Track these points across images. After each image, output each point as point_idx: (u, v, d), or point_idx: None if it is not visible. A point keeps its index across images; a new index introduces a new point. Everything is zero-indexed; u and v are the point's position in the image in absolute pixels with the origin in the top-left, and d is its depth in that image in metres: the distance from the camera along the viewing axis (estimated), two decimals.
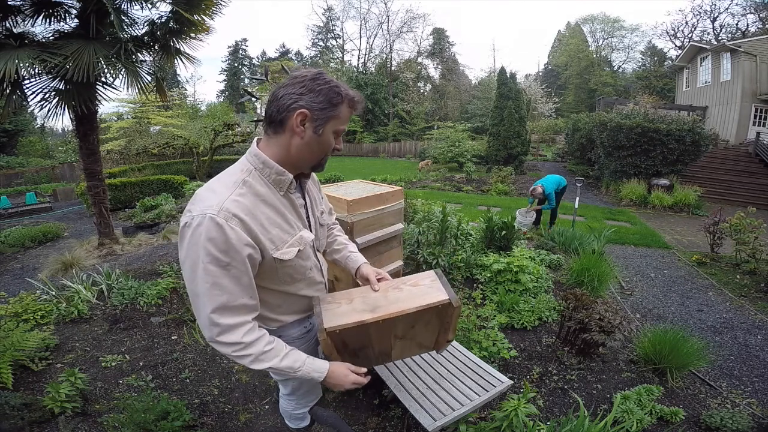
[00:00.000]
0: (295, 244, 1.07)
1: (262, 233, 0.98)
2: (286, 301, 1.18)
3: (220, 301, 0.93)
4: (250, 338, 0.99)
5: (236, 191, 0.96)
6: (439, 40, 32.81)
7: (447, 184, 11.48)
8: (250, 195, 0.98)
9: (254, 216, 0.97)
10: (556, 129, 21.78)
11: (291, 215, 1.08)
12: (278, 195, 1.04)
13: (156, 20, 4.65)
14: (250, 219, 0.95)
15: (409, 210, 4.72)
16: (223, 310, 0.94)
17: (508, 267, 3.51)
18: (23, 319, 2.89)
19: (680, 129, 8.91)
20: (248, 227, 0.95)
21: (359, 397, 2.28)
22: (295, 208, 1.10)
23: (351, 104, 1.02)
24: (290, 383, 1.43)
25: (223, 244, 0.90)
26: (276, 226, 1.03)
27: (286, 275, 1.10)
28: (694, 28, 26.74)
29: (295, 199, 1.09)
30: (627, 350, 2.89)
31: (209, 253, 0.90)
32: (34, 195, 10.00)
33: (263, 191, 1.01)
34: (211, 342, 0.98)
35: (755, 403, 2.41)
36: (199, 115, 17.54)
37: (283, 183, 1.03)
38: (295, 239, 1.07)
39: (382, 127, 28.70)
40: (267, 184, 1.02)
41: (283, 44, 41.32)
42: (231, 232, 0.90)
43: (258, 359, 1.00)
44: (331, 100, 0.97)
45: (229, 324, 0.95)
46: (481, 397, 1.75)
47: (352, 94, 1.02)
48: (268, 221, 1.01)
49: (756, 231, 4.64)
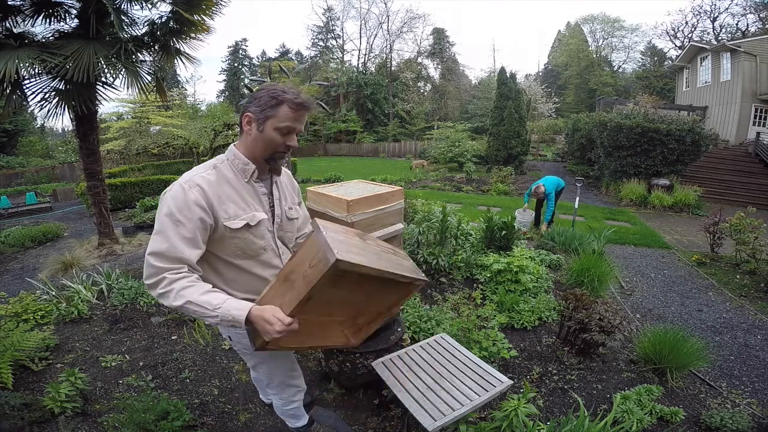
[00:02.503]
0: (246, 219, 1.24)
1: (217, 203, 1.19)
2: (240, 276, 1.31)
3: (160, 248, 1.11)
4: (176, 277, 1.10)
5: (206, 171, 1.23)
6: (439, 40, 32.78)
7: (447, 184, 11.48)
8: (217, 176, 1.23)
9: (214, 189, 1.19)
10: (556, 129, 21.78)
11: (251, 198, 1.29)
12: (243, 181, 1.27)
13: (156, 20, 4.65)
14: (210, 189, 1.18)
15: (409, 210, 4.72)
16: (159, 255, 1.11)
17: (508, 267, 3.51)
18: (23, 319, 2.89)
19: (680, 129, 8.90)
20: (206, 195, 1.16)
21: (359, 397, 2.28)
22: (257, 194, 1.31)
23: (291, 105, 1.19)
24: (252, 358, 1.49)
25: (181, 203, 1.12)
26: (233, 203, 1.23)
27: (236, 247, 1.26)
28: (694, 28, 26.75)
29: (257, 187, 1.31)
30: (627, 350, 2.89)
31: (168, 207, 1.13)
32: (34, 195, 10.00)
33: (230, 176, 1.26)
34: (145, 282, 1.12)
35: (755, 403, 2.41)
36: (199, 115, 17.55)
37: (247, 171, 1.27)
38: (248, 216, 1.25)
39: (382, 127, 28.70)
40: (235, 172, 1.27)
41: (283, 44, 41.31)
42: (190, 193, 1.14)
43: (179, 294, 1.08)
44: (268, 103, 1.19)
45: (160, 266, 1.10)
46: (481, 397, 1.75)
47: (291, 96, 1.19)
48: (227, 197, 1.22)
49: (756, 231, 4.64)
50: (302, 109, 1.22)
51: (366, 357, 2.13)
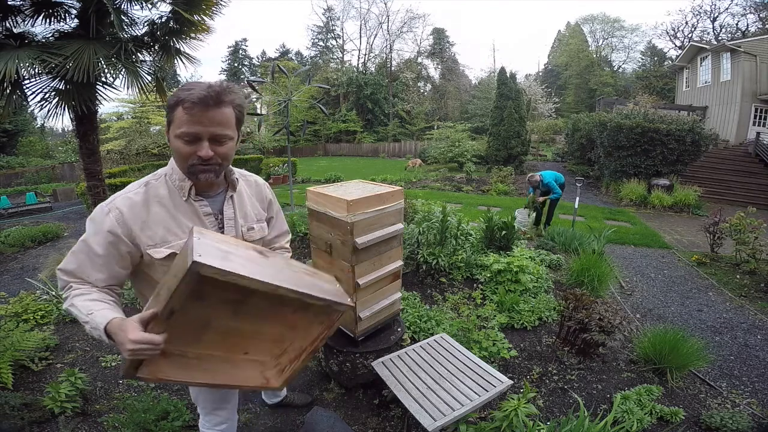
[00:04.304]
0: (175, 248, 1.07)
1: (140, 228, 1.05)
2: None
3: (69, 267, 1.05)
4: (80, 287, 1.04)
5: (134, 190, 1.08)
6: (439, 40, 32.78)
7: (447, 184, 11.48)
8: (145, 195, 1.07)
9: (137, 212, 1.05)
10: (556, 129, 21.77)
11: (187, 220, 1.10)
12: (181, 200, 1.10)
13: (156, 20, 4.65)
14: (130, 214, 1.04)
15: (409, 210, 4.71)
16: (67, 273, 1.05)
17: (508, 267, 3.51)
18: (23, 319, 2.90)
19: (680, 129, 8.91)
20: (124, 220, 1.03)
21: (359, 397, 2.28)
22: (198, 215, 1.12)
23: (186, 105, 0.97)
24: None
25: (97, 228, 1.03)
26: (162, 226, 1.07)
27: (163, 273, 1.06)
28: (694, 28, 26.76)
29: (198, 206, 1.12)
30: (627, 350, 2.89)
31: (87, 230, 1.05)
32: (34, 195, 9.99)
33: (163, 194, 1.09)
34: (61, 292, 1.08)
35: (755, 403, 2.40)
36: None
37: (184, 189, 1.09)
38: (178, 243, 1.08)
39: (382, 127, 28.69)
40: (171, 189, 1.10)
41: (283, 44, 41.29)
42: (106, 220, 1.03)
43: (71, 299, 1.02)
44: (168, 107, 1.01)
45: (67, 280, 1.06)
46: (481, 397, 1.75)
47: (183, 95, 0.97)
48: (156, 221, 1.07)
49: (756, 231, 4.64)
50: (201, 107, 0.96)
51: (366, 357, 2.13)
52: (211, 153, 1.01)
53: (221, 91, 0.99)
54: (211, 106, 0.98)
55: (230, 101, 1.02)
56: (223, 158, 1.05)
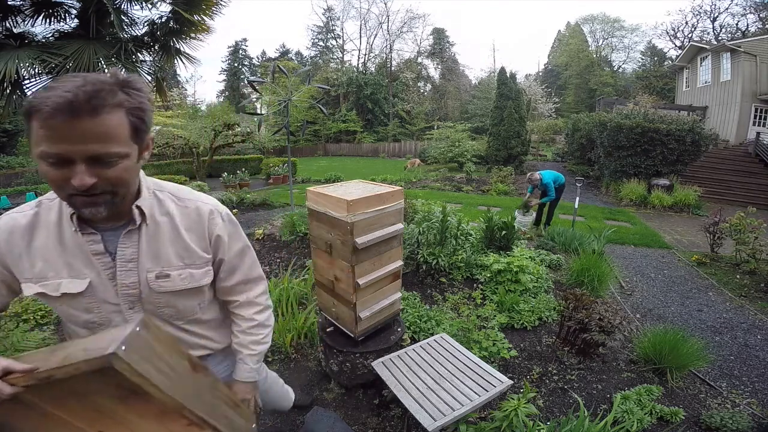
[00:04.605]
0: (48, 288, 0.86)
1: (15, 258, 0.86)
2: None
3: None
4: None
5: (25, 211, 0.88)
6: (439, 40, 32.81)
7: (447, 184, 11.48)
8: (33, 219, 0.87)
9: (17, 239, 0.86)
10: (556, 129, 21.76)
11: (72, 258, 0.87)
12: (71, 230, 0.85)
13: (156, 20, 4.66)
14: (9, 239, 0.85)
15: (409, 210, 4.71)
16: None
17: (508, 267, 3.51)
18: (23, 319, 2.90)
19: (680, 129, 8.91)
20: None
21: (359, 397, 2.28)
22: (84, 253, 0.87)
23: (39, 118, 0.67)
24: None
25: None
26: (43, 259, 0.86)
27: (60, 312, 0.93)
28: (694, 28, 26.79)
29: (85, 242, 0.86)
30: (627, 350, 2.89)
31: None
32: (34, 195, 10.01)
33: (52, 220, 0.86)
34: None
35: (755, 403, 2.40)
36: (199, 115, 17.54)
37: (72, 218, 0.84)
38: (52, 283, 0.86)
39: (382, 127, 28.71)
40: (64, 214, 0.86)
41: (283, 44, 41.31)
42: None
43: None
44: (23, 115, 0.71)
45: None
46: (481, 397, 1.75)
47: (37, 102, 0.67)
48: (39, 251, 0.86)
49: (756, 231, 4.64)
50: (65, 117, 0.66)
51: (366, 357, 2.13)
52: (89, 181, 0.71)
53: (98, 90, 0.68)
54: (82, 115, 0.67)
55: (117, 104, 0.71)
56: (115, 184, 0.76)
